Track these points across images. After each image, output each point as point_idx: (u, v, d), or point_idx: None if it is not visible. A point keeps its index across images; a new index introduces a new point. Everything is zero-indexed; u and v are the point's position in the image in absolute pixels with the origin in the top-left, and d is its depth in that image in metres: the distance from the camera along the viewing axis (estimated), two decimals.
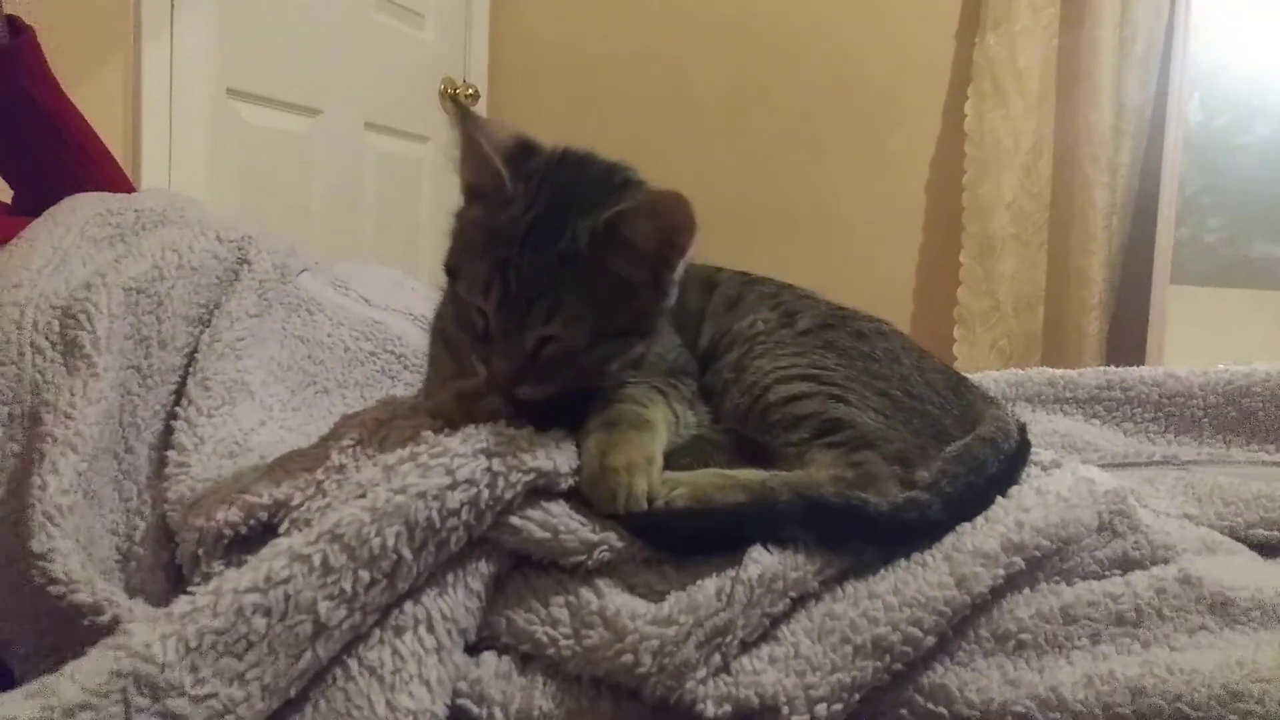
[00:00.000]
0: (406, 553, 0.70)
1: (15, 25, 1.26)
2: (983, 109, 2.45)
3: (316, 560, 0.68)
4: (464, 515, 0.72)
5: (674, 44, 2.76)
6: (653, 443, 0.81)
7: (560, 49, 2.87)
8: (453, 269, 0.85)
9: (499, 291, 0.79)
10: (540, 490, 0.76)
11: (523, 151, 0.84)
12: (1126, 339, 2.46)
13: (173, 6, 1.86)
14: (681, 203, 0.79)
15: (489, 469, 0.74)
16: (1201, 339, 2.44)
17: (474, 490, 0.73)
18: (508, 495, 0.74)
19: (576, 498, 0.78)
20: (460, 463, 0.74)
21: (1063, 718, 0.66)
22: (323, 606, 0.67)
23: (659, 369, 0.90)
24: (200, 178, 1.96)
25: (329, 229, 2.36)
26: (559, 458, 0.77)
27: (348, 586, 0.68)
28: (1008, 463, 0.87)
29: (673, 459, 0.83)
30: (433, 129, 2.72)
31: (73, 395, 0.90)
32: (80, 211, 1.15)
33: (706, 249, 1.07)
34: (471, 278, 0.81)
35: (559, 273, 0.78)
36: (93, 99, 1.65)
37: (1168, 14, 2.37)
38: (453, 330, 0.89)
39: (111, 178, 1.36)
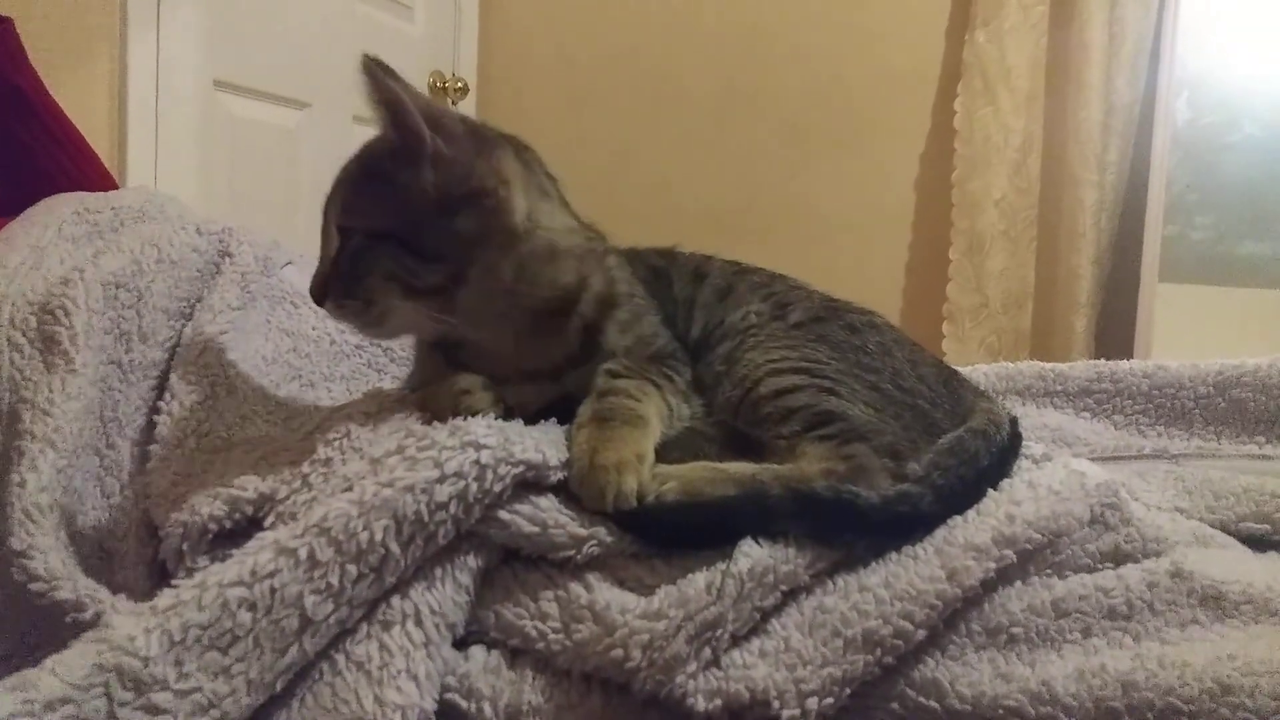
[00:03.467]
0: (394, 547, 0.69)
1: None
2: (972, 106, 2.44)
3: (303, 554, 0.67)
4: (452, 509, 0.72)
5: (664, 38, 2.75)
6: (644, 439, 0.80)
7: (550, 44, 2.86)
8: None
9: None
10: (529, 484, 0.76)
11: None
12: (1114, 336, 2.47)
13: None
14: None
15: (477, 462, 0.73)
16: (1189, 337, 2.45)
17: (462, 483, 0.72)
18: (496, 488, 0.73)
19: (566, 491, 0.77)
20: (448, 455, 0.73)
21: (1054, 711, 0.66)
22: (309, 601, 0.66)
23: (637, 354, 0.89)
24: (187, 171, 1.94)
25: (317, 222, 2.33)
26: (548, 450, 0.77)
27: (334, 581, 0.67)
28: (999, 456, 0.87)
29: (663, 452, 0.82)
30: None
31: (51, 392, 0.88)
32: (57, 210, 1.14)
33: (696, 247, 1.08)
34: None
35: (353, 173, 0.91)
36: (79, 91, 1.63)
37: (1157, 13, 2.38)
38: None
39: (94, 170, 1.35)
